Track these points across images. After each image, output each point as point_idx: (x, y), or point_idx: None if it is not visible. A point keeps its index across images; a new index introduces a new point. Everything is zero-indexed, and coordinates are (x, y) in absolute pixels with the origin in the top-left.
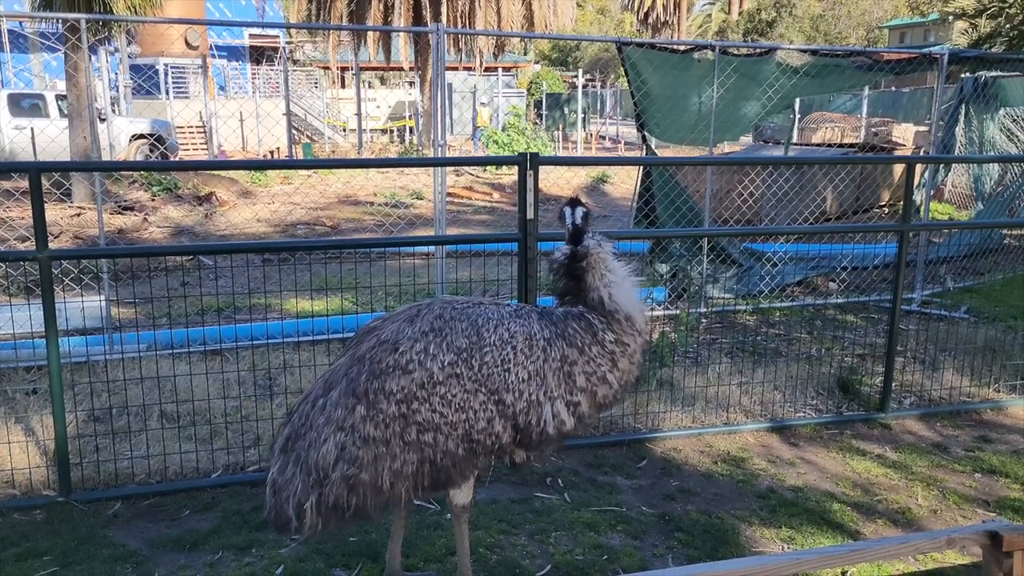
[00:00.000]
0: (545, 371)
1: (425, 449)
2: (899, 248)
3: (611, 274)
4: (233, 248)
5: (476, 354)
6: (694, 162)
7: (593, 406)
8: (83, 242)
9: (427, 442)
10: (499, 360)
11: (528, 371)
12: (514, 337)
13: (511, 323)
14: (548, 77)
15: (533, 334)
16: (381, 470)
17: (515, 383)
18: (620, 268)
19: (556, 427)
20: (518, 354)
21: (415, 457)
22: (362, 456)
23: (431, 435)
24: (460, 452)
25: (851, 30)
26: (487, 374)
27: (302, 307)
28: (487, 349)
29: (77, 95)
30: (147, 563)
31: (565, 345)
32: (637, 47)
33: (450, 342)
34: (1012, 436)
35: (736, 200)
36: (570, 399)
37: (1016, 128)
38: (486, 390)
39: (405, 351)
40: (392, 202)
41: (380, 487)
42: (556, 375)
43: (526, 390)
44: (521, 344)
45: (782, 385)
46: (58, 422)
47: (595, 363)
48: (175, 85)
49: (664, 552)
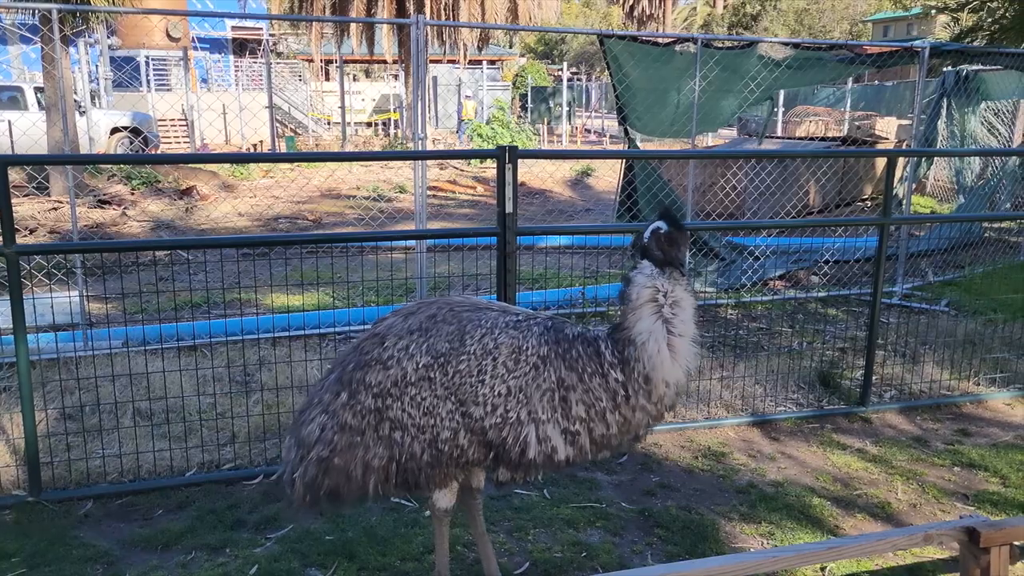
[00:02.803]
0: (531, 390)
1: (394, 447)
2: (879, 242)
3: (654, 323)
4: (210, 243)
5: (452, 360)
6: (676, 155)
7: (594, 442)
8: (60, 236)
9: (396, 440)
10: (475, 370)
11: (508, 386)
12: (498, 348)
13: (502, 334)
14: (533, 70)
15: (523, 348)
16: (353, 458)
17: (488, 396)
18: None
19: (544, 453)
20: (498, 367)
21: (385, 453)
22: (337, 441)
23: (399, 434)
24: (425, 458)
25: (835, 24)
26: (459, 383)
27: (281, 302)
28: (464, 357)
29: (53, 87)
30: (118, 563)
31: (564, 367)
32: (619, 40)
33: (431, 344)
34: (991, 429)
35: (719, 194)
36: (567, 427)
37: (997, 122)
38: (455, 399)
39: (389, 347)
40: (375, 196)
41: (351, 475)
42: (546, 396)
43: (502, 406)
44: (504, 357)
45: (763, 379)
46: (27, 420)
47: (594, 395)
48: (156, 78)
49: (643, 549)
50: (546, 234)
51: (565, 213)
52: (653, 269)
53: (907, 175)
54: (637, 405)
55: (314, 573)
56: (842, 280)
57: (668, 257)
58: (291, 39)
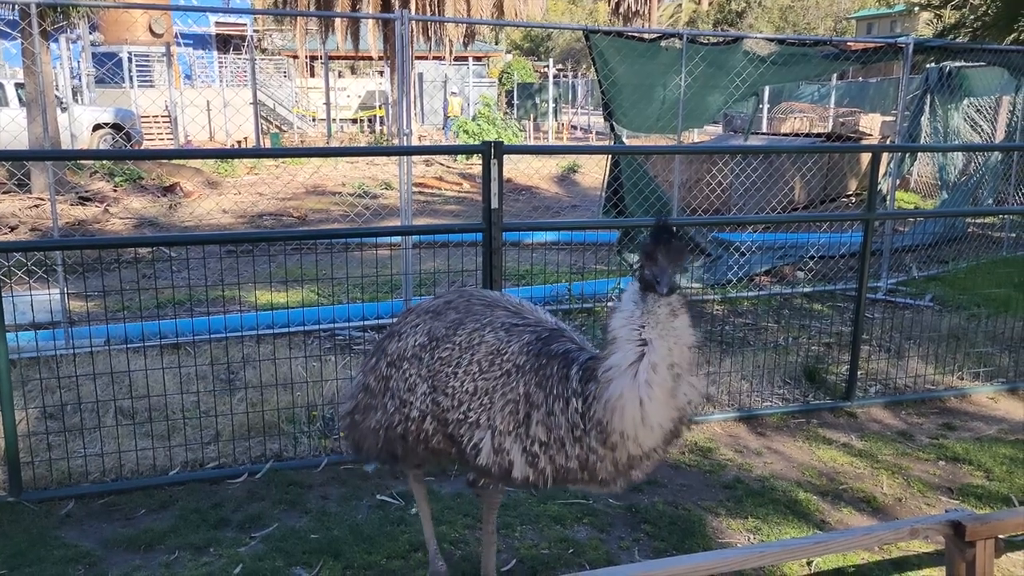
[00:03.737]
0: (496, 395)
1: (386, 415)
2: (864, 237)
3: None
4: (194, 240)
5: (439, 347)
6: (662, 151)
7: (556, 471)
8: (42, 233)
9: (387, 409)
10: (453, 361)
11: (476, 385)
12: (479, 346)
13: (492, 332)
14: (519, 67)
15: (501, 351)
16: (367, 419)
17: (456, 390)
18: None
19: (500, 465)
20: (472, 364)
21: (383, 419)
22: (360, 400)
23: (391, 403)
24: (399, 430)
25: (819, 21)
26: (437, 369)
27: (266, 299)
28: (448, 346)
29: (34, 83)
30: (101, 564)
31: (534, 382)
32: (605, 35)
33: (433, 327)
34: (975, 423)
35: (705, 189)
36: (526, 445)
37: (980, 118)
38: (431, 384)
39: (408, 321)
40: (360, 192)
41: (365, 433)
42: (509, 407)
43: (466, 403)
44: (481, 356)
45: (749, 375)
46: (7, 419)
47: (555, 420)
48: (139, 74)
49: (631, 545)
50: (532, 230)
51: (551, 209)
52: (636, 292)
53: (891, 171)
54: (589, 446)
55: (299, 572)
56: (827, 275)
57: (646, 276)
58: (276, 35)
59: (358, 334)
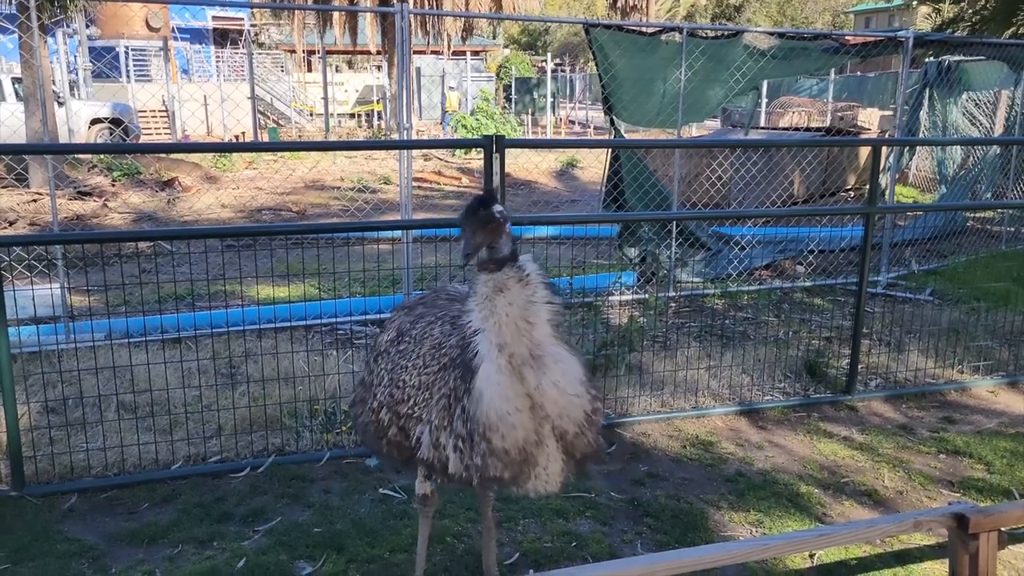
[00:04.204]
0: (434, 390)
1: (365, 407)
2: (865, 231)
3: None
4: (193, 234)
5: (401, 340)
6: (662, 145)
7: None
8: (40, 228)
9: (367, 401)
10: (408, 354)
11: (421, 380)
12: (426, 340)
13: (438, 326)
14: (517, 61)
15: (442, 346)
16: (362, 411)
17: (406, 384)
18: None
19: (439, 460)
20: (419, 358)
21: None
22: (357, 393)
23: (369, 395)
24: (364, 419)
25: (817, 15)
26: (396, 363)
27: (266, 294)
28: (407, 339)
29: (31, 77)
30: (104, 558)
31: (459, 377)
32: (605, 29)
33: (402, 322)
34: (976, 416)
35: (704, 184)
36: (456, 442)
37: (978, 112)
38: (391, 377)
39: (391, 316)
40: (359, 187)
41: (358, 427)
42: (443, 403)
43: (413, 398)
44: (426, 349)
45: (750, 368)
46: (9, 414)
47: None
48: (136, 68)
49: (633, 538)
50: (532, 224)
51: (551, 204)
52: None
53: (890, 165)
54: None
55: (303, 566)
56: (827, 270)
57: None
58: (273, 29)
59: (359, 328)
